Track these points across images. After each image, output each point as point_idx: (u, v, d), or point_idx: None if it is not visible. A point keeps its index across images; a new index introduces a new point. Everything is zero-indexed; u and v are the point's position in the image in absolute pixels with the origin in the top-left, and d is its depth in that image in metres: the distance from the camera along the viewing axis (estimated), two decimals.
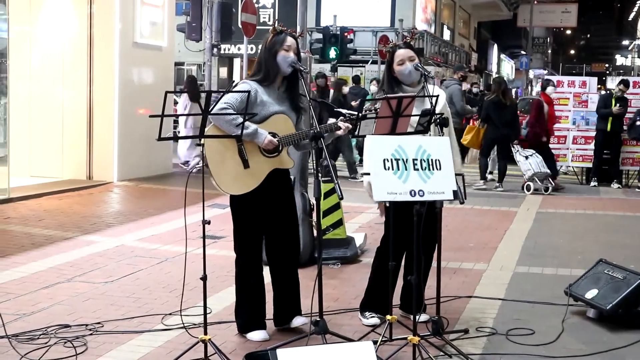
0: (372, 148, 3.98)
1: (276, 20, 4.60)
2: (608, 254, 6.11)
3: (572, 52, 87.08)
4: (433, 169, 4.01)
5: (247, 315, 4.49)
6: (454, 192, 4.06)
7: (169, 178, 11.91)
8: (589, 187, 12.84)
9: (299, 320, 4.53)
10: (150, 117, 3.97)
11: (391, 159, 3.94)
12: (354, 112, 4.34)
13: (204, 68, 16.75)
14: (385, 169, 3.92)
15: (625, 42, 78.84)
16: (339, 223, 6.65)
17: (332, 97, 13.89)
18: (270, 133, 4.27)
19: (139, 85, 11.58)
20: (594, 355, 4.35)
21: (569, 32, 71.87)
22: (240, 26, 14.40)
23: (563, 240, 7.95)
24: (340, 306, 5.15)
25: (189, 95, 12.59)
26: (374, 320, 4.73)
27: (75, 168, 11.09)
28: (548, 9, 43.58)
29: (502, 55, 53.87)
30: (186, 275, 4.31)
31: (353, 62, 24.73)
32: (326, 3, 27.77)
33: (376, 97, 4.35)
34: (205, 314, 4.00)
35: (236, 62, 30.58)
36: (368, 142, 4.05)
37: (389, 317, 4.26)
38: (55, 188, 10.06)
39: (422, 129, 4.37)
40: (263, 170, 4.31)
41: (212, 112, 4.06)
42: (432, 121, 4.40)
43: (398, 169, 3.94)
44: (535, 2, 42.77)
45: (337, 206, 6.63)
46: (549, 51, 67.77)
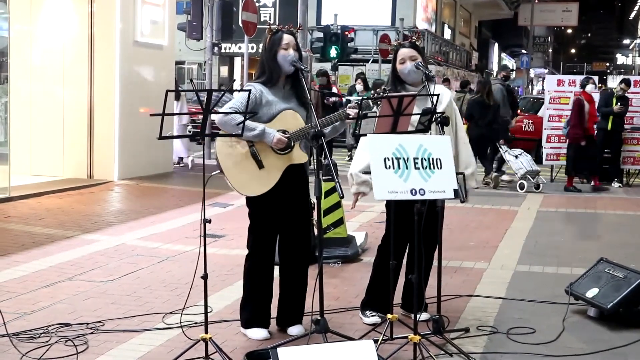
0: (373, 147, 3.97)
1: (276, 21, 4.61)
2: (609, 252, 6.11)
3: (573, 51, 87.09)
4: (434, 168, 4.01)
5: (252, 312, 4.49)
6: (455, 191, 4.06)
7: (169, 177, 11.91)
8: (589, 186, 12.84)
9: (296, 330, 4.50)
10: (151, 116, 3.97)
11: (392, 158, 3.94)
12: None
13: (205, 67, 16.76)
14: (386, 167, 3.92)
15: (626, 41, 78.85)
16: (340, 222, 6.65)
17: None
18: (280, 130, 4.28)
19: (140, 84, 11.57)
20: (594, 354, 4.35)
21: (569, 31, 71.90)
22: (240, 25, 14.42)
23: (564, 239, 7.95)
24: (341, 305, 5.15)
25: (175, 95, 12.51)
26: (375, 318, 4.73)
27: (76, 167, 11.09)
28: (549, 8, 43.60)
29: (503, 54, 53.88)
30: (186, 274, 4.31)
31: (354, 61, 24.74)
32: (327, 2, 27.79)
33: (377, 96, 4.35)
34: (206, 312, 4.00)
35: (237, 60, 30.61)
36: (369, 140, 4.05)
37: (389, 315, 4.26)
38: (56, 187, 10.06)
39: (423, 128, 4.37)
40: (278, 168, 4.33)
41: (212, 111, 4.05)
42: (432, 120, 4.40)
43: (399, 168, 3.94)
44: (536, 1, 42.83)
45: (338, 205, 6.63)
46: (550, 50, 67.79)
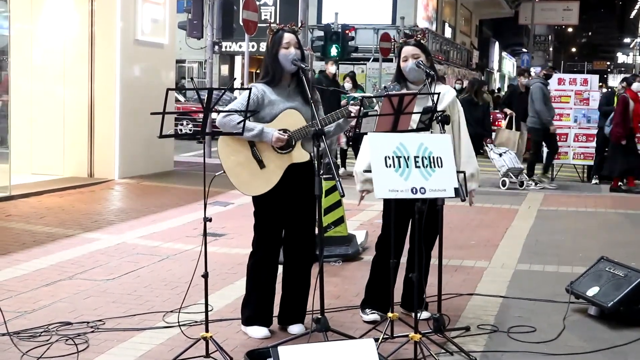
0: (373, 145, 3.97)
1: (276, 19, 4.61)
2: (609, 251, 6.11)
3: (574, 49, 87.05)
4: (434, 167, 4.01)
5: (254, 310, 4.49)
6: (455, 190, 4.06)
7: (170, 175, 11.91)
8: (590, 184, 12.85)
9: (297, 329, 4.50)
10: (152, 114, 3.96)
11: (392, 157, 3.94)
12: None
13: (205, 65, 16.77)
14: (386, 166, 3.92)
15: (627, 40, 78.71)
16: (341, 220, 6.64)
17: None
18: (281, 129, 4.28)
19: (140, 82, 11.57)
20: (595, 353, 4.35)
21: (570, 29, 71.84)
22: (241, 24, 14.43)
23: (564, 237, 7.94)
24: (341, 304, 5.15)
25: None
26: (374, 316, 4.73)
27: (76, 165, 11.09)
28: (549, 7, 43.56)
29: (504, 53, 53.88)
30: (187, 273, 4.30)
31: (354, 59, 24.75)
32: (328, 0, 27.79)
33: (377, 95, 4.35)
34: (206, 311, 4.01)
35: (237, 59, 30.64)
36: (369, 139, 4.04)
37: (390, 314, 4.26)
38: (57, 185, 10.06)
39: (423, 126, 4.37)
40: (279, 167, 4.33)
41: (213, 110, 4.05)
42: (433, 118, 4.39)
43: (399, 166, 3.94)
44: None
45: (339, 204, 6.62)
46: (551, 49, 67.74)
